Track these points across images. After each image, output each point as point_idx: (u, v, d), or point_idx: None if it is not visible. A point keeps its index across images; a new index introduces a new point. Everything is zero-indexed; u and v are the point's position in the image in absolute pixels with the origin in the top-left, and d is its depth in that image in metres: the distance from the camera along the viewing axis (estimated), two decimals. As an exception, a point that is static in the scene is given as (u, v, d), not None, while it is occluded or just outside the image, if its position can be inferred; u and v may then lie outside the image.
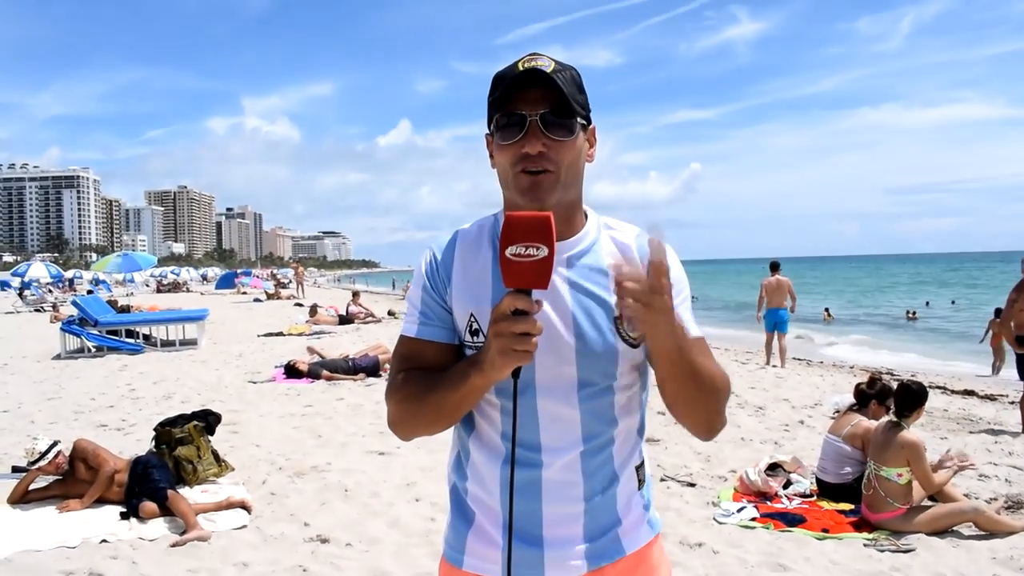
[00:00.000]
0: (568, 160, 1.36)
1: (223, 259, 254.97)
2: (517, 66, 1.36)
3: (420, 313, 1.46)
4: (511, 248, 1.18)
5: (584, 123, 1.39)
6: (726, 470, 5.92)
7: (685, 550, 4.34)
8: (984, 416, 8.27)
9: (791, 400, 8.97)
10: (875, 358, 16.71)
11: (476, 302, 1.41)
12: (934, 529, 4.59)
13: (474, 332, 1.41)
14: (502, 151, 1.37)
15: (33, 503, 5.11)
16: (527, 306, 1.18)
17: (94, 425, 7.71)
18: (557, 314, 1.37)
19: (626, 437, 1.47)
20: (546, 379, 1.38)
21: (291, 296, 33.73)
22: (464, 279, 1.43)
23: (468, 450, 1.49)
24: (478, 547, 1.47)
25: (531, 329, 1.18)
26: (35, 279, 39.14)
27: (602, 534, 1.45)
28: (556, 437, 1.41)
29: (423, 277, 1.47)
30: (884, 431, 4.78)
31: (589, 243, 1.44)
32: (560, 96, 1.32)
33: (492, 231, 1.46)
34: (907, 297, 42.38)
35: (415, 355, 1.45)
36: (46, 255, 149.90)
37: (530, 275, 1.18)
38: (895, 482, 4.61)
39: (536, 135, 1.33)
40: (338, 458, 6.28)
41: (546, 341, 1.29)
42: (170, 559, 4.26)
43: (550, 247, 1.18)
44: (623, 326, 1.40)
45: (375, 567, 4.12)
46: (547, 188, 1.35)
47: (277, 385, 10.10)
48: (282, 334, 16.93)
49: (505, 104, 1.35)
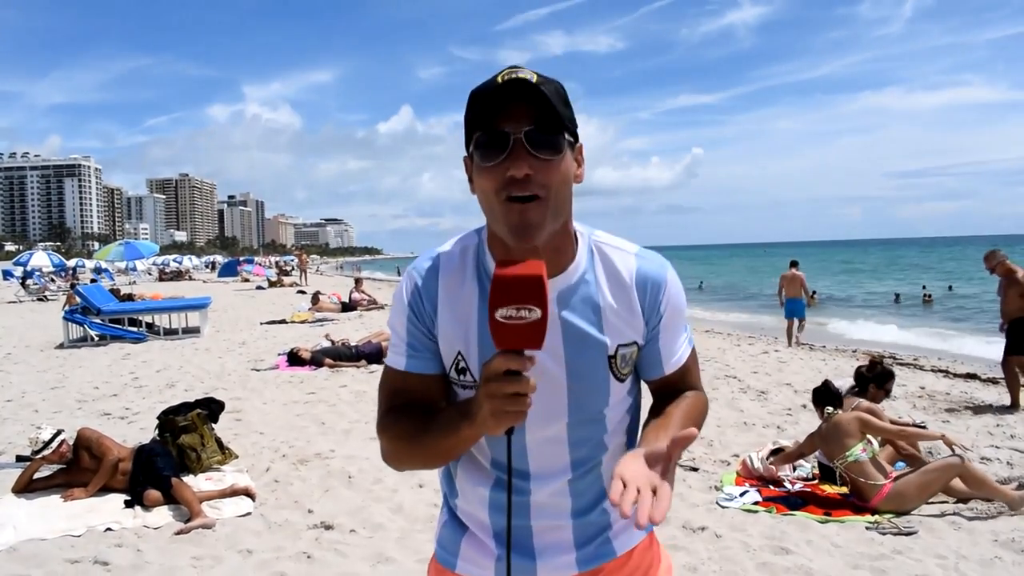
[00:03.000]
0: (556, 182, 1.23)
1: (225, 247, 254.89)
2: (496, 80, 1.22)
3: (407, 345, 1.38)
4: (501, 311, 1.09)
5: (571, 140, 1.27)
6: (729, 454, 5.93)
7: (688, 534, 4.35)
8: (986, 399, 8.26)
9: (793, 384, 8.97)
10: (883, 340, 16.63)
11: (464, 340, 1.34)
12: (928, 493, 4.67)
13: (461, 371, 1.36)
14: (483, 175, 1.24)
15: (38, 492, 5.13)
16: (520, 366, 1.10)
17: (98, 414, 7.74)
18: (550, 353, 1.31)
19: (614, 454, 1.44)
20: (538, 415, 1.31)
21: (294, 283, 33.76)
22: (451, 314, 1.35)
23: (456, 472, 1.48)
24: (472, 553, 1.47)
25: (524, 389, 1.11)
26: (37, 268, 39.14)
27: (592, 539, 1.45)
28: (545, 466, 1.40)
29: (407, 308, 1.37)
30: (825, 427, 4.93)
31: (581, 273, 1.35)
32: (546, 110, 1.21)
33: (476, 257, 1.37)
34: (911, 282, 42.24)
35: (405, 388, 1.39)
36: (48, 244, 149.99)
37: (523, 337, 1.10)
38: (863, 459, 4.70)
39: (521, 155, 1.20)
40: (341, 445, 6.30)
41: (538, 378, 1.19)
42: (175, 547, 4.28)
43: (543, 308, 1.09)
44: (616, 364, 1.37)
45: (379, 553, 4.13)
46: (537, 223, 1.22)
47: (280, 373, 10.12)
48: (285, 322, 16.96)
49: (485, 121, 1.22)
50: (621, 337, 1.36)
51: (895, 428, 4.95)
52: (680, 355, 1.45)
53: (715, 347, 12.77)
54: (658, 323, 1.39)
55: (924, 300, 29.16)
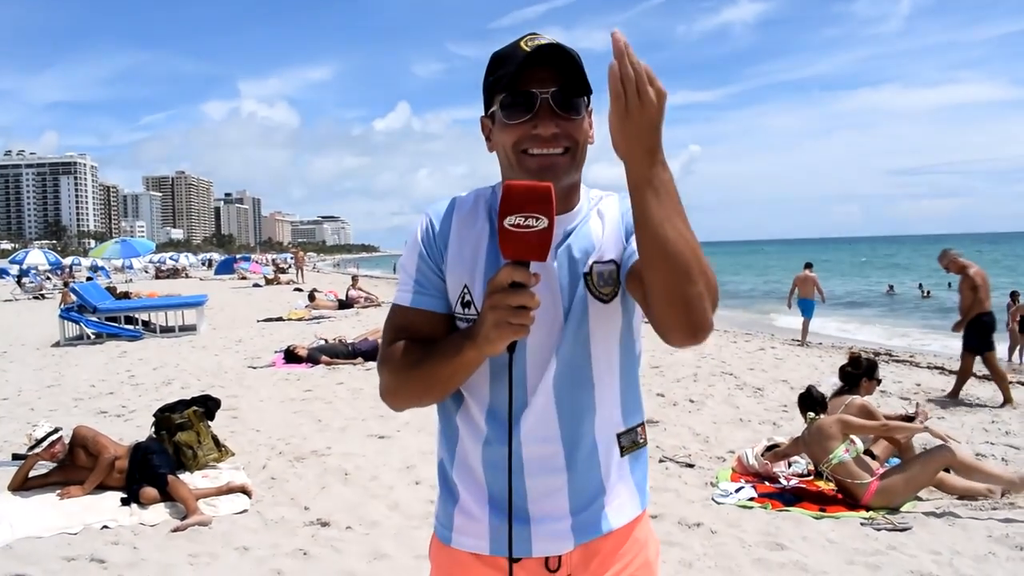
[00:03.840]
0: (581, 140, 1.33)
1: (222, 244, 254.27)
2: (520, 45, 1.31)
3: (415, 282, 1.42)
4: (510, 218, 1.14)
5: (587, 105, 1.36)
6: (724, 451, 5.94)
7: (684, 530, 4.36)
8: (981, 396, 8.29)
9: (790, 381, 8.98)
10: (875, 337, 16.68)
11: (470, 274, 1.39)
12: (916, 485, 4.70)
13: (466, 304, 1.39)
14: (507, 130, 1.33)
15: (34, 490, 5.12)
16: (525, 279, 1.15)
17: (94, 412, 7.73)
18: (546, 283, 1.34)
19: (604, 403, 1.44)
20: (534, 353, 1.37)
21: (290, 281, 33.70)
22: (459, 249, 1.41)
23: (454, 426, 1.48)
24: (463, 523, 1.46)
25: (528, 302, 1.15)
26: (33, 266, 39.09)
27: (587, 506, 1.44)
28: (537, 409, 1.40)
29: (419, 244, 1.43)
30: (808, 433, 4.96)
31: (581, 219, 1.43)
32: (572, 72, 1.29)
33: (489, 203, 1.44)
34: (901, 278, 42.31)
35: (408, 325, 1.42)
36: (44, 242, 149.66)
37: (529, 246, 1.14)
38: (847, 460, 4.73)
39: (548, 115, 1.30)
40: (338, 442, 6.30)
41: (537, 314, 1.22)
42: (171, 544, 4.28)
43: (550, 218, 1.14)
44: (592, 280, 1.39)
45: (375, 550, 4.14)
46: (563, 170, 1.32)
47: (277, 370, 10.12)
48: (281, 319, 16.94)
49: (513, 82, 1.30)
50: (599, 256, 1.41)
51: (876, 424, 4.96)
52: None
53: (711, 344, 12.77)
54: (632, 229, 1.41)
55: (923, 296, 29.42)
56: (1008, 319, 14.16)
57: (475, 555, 1.45)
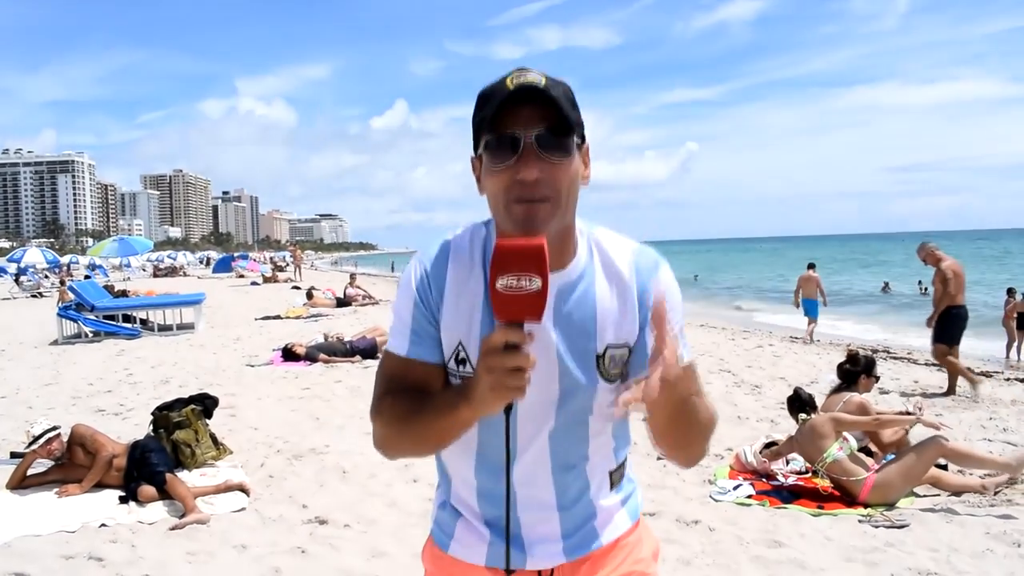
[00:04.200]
0: (566, 184, 1.25)
1: (220, 243, 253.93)
2: (506, 82, 1.23)
3: (412, 331, 1.37)
4: (502, 280, 1.10)
5: (579, 142, 1.29)
6: (722, 448, 5.94)
7: (682, 527, 4.37)
8: (979, 393, 8.29)
9: (788, 378, 8.98)
10: (874, 335, 16.69)
11: (466, 331, 1.35)
12: (913, 477, 4.71)
13: (461, 361, 1.36)
14: (493, 177, 1.25)
15: (32, 488, 5.12)
16: (520, 339, 1.10)
17: (92, 410, 7.73)
18: (542, 347, 1.30)
19: (597, 452, 1.45)
20: (525, 409, 1.35)
21: (288, 279, 33.68)
22: (455, 303, 1.36)
23: (444, 461, 1.50)
24: (465, 536, 1.48)
25: (523, 363, 1.10)
26: (31, 265, 39.09)
27: (578, 530, 1.47)
28: (530, 464, 1.41)
29: (414, 293, 1.37)
30: (800, 434, 4.97)
31: (579, 273, 1.36)
32: (557, 113, 1.22)
33: (484, 248, 1.38)
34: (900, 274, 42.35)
35: (403, 375, 1.38)
36: (42, 241, 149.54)
37: (522, 308, 1.10)
38: (841, 457, 4.74)
39: (532, 158, 1.22)
40: (336, 440, 6.30)
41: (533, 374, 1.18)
42: (169, 542, 4.28)
43: (543, 278, 1.09)
44: (604, 364, 1.37)
45: (373, 548, 4.14)
46: (543, 219, 1.23)
47: (275, 368, 10.12)
48: (280, 317, 16.93)
49: (495, 124, 1.23)
50: (613, 338, 1.37)
51: (868, 419, 4.97)
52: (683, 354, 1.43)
53: (709, 341, 12.80)
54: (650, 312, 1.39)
55: (922, 292, 29.60)
56: (1004, 316, 14.21)
57: (471, 564, 1.48)
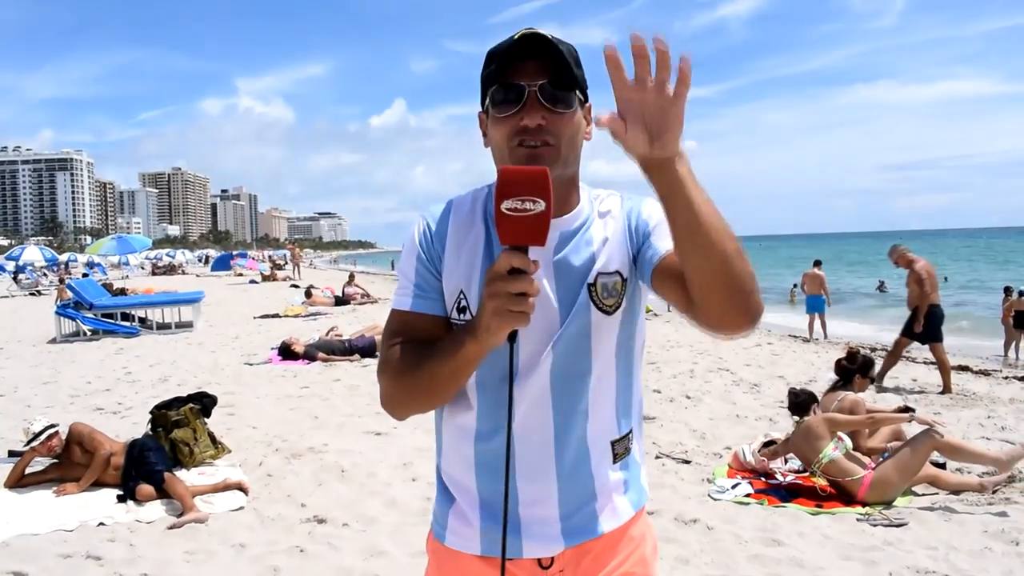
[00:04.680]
0: (568, 134, 1.31)
1: (219, 241, 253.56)
2: (514, 39, 1.30)
3: (415, 285, 1.40)
4: (507, 202, 1.11)
5: (582, 98, 1.34)
6: (721, 447, 5.95)
7: (680, 526, 4.37)
8: (977, 391, 8.31)
9: (786, 377, 8.99)
10: (873, 333, 16.68)
11: (466, 279, 1.37)
12: (910, 473, 4.71)
13: (462, 310, 1.38)
14: (498, 125, 1.32)
15: (30, 487, 5.12)
16: (524, 264, 1.11)
17: (90, 409, 7.72)
18: (543, 290, 1.33)
19: (598, 411, 1.43)
20: (525, 355, 1.36)
21: (287, 278, 33.68)
22: (456, 253, 1.39)
23: (442, 430, 1.49)
24: (457, 526, 1.48)
25: (528, 289, 1.11)
26: (30, 263, 39.05)
27: (576, 512, 1.44)
28: (529, 413, 1.39)
29: (416, 247, 1.41)
30: (795, 435, 4.98)
31: (583, 221, 1.41)
32: (560, 65, 1.28)
33: (485, 206, 1.42)
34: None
35: (408, 329, 1.39)
36: (40, 239, 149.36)
37: (527, 230, 1.12)
38: (837, 457, 4.74)
39: (535, 107, 1.28)
40: (335, 439, 6.30)
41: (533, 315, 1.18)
42: (168, 541, 4.28)
43: (547, 201, 1.11)
44: (596, 292, 1.37)
45: (372, 547, 4.14)
46: (547, 162, 1.27)
47: (273, 367, 10.11)
48: (278, 316, 16.93)
49: (502, 76, 1.30)
50: (604, 267, 1.39)
51: (862, 418, 4.99)
52: None
53: (708, 339, 12.78)
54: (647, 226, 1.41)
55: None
56: (1002, 314, 14.22)
57: (468, 554, 1.47)
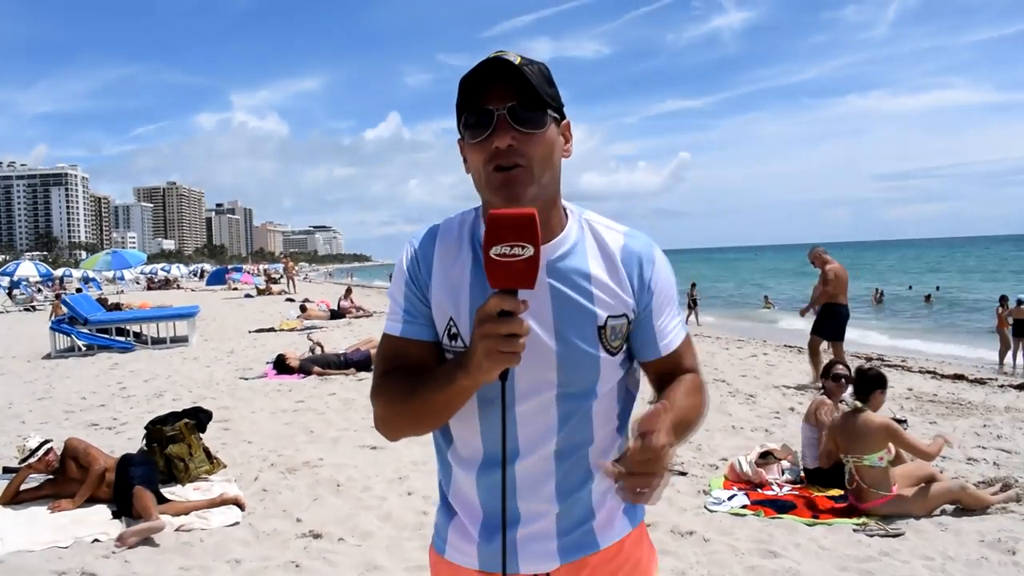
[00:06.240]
0: (540, 154, 1.31)
1: (214, 255, 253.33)
2: (481, 64, 1.30)
3: (404, 311, 1.42)
4: (495, 248, 1.14)
5: (556, 116, 1.34)
6: (717, 458, 5.94)
7: (676, 538, 4.36)
8: (973, 400, 8.32)
9: (782, 387, 9.00)
10: (868, 341, 16.72)
11: (455, 306, 1.38)
12: (928, 508, 4.64)
13: (453, 336, 1.38)
14: (473, 151, 1.32)
15: (25, 503, 5.09)
16: (513, 307, 1.14)
17: (85, 424, 7.69)
18: (538, 320, 1.33)
19: (604, 438, 1.44)
20: (525, 385, 1.36)
21: (282, 291, 33.61)
22: (444, 279, 1.39)
23: (445, 452, 1.49)
24: (457, 540, 1.49)
25: (518, 330, 1.14)
26: (24, 278, 38.91)
27: (574, 529, 1.44)
28: (531, 440, 1.39)
29: (405, 273, 1.43)
30: (848, 421, 4.83)
31: (571, 245, 1.39)
32: (527, 87, 1.28)
33: (472, 229, 1.42)
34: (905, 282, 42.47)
35: (400, 354, 1.41)
36: (35, 254, 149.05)
37: (516, 275, 1.15)
38: (878, 467, 4.65)
39: (505, 129, 1.28)
40: (330, 453, 6.28)
41: (527, 346, 1.21)
42: (162, 557, 4.26)
43: (536, 245, 1.14)
44: (606, 335, 1.38)
45: (368, 561, 4.12)
46: (521, 184, 1.29)
47: (268, 381, 10.09)
48: (273, 330, 16.89)
49: (472, 102, 1.31)
50: (611, 309, 1.39)
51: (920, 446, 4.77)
52: (673, 337, 1.46)
53: (704, 350, 12.80)
54: (649, 301, 1.42)
55: (925, 299, 30.07)
56: (997, 323, 14.27)
57: (466, 568, 1.48)
